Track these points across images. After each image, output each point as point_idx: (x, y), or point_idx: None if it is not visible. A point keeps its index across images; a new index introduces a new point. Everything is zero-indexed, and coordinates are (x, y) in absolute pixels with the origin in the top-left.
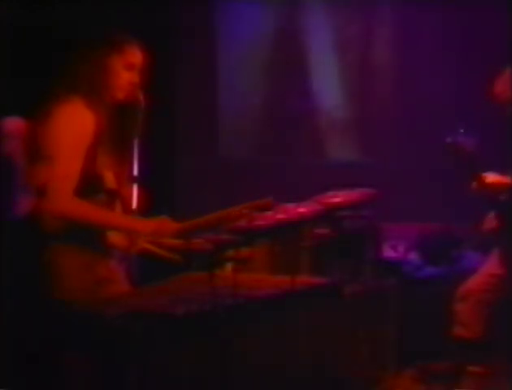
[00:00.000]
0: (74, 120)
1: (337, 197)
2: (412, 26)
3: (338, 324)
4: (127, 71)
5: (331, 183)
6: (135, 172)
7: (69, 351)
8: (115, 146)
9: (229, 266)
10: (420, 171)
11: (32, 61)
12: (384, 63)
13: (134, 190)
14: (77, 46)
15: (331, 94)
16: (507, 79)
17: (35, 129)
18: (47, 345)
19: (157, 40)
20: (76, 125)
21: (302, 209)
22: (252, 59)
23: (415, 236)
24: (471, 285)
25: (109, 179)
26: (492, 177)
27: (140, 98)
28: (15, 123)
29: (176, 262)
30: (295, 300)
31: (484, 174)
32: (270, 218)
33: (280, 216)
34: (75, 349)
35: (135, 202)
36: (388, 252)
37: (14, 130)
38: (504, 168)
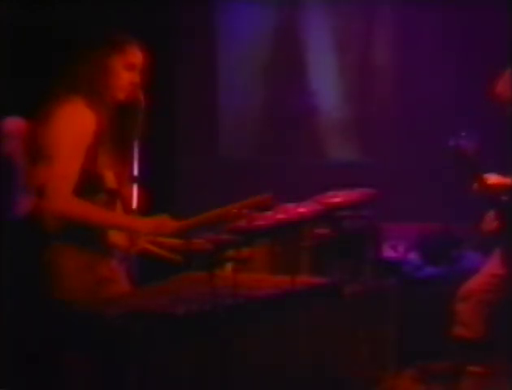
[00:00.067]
0: (74, 120)
1: (337, 197)
2: (412, 26)
3: (338, 324)
4: (127, 72)
5: (331, 183)
6: (135, 172)
7: (69, 351)
8: (116, 146)
9: (229, 266)
10: (420, 171)
11: (32, 61)
12: (384, 63)
13: (134, 190)
14: (77, 46)
15: (331, 94)
16: (507, 79)
17: (35, 129)
18: (47, 345)
19: (157, 40)
20: (77, 125)
21: (302, 209)
22: (252, 59)
23: (415, 236)
24: (472, 285)
25: (109, 179)
26: (494, 178)
27: (140, 98)
28: (15, 123)
29: (176, 262)
30: (295, 300)
31: (486, 175)
32: (270, 218)
33: (280, 216)
34: (75, 349)
35: (135, 202)
36: (388, 252)
37: (14, 130)
38: (504, 168)
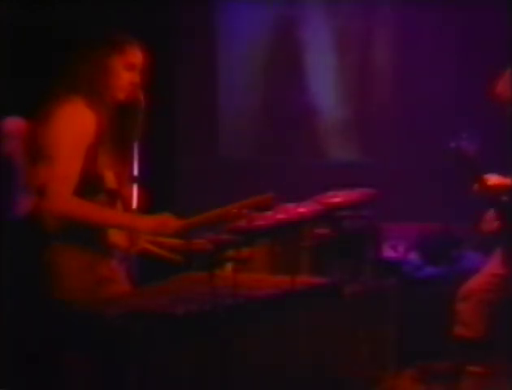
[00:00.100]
0: (74, 120)
1: (337, 197)
2: (412, 26)
3: (338, 324)
4: (127, 72)
5: (331, 183)
6: (135, 172)
7: (69, 351)
8: (116, 146)
9: (229, 266)
10: (420, 171)
11: (32, 61)
12: (384, 63)
13: (134, 190)
14: (77, 46)
15: (331, 94)
16: (507, 79)
17: (35, 129)
18: (47, 345)
19: (157, 40)
20: (77, 125)
21: (302, 209)
22: (252, 59)
23: (415, 236)
24: (473, 285)
25: (109, 179)
26: (494, 179)
27: (140, 98)
28: (15, 123)
29: (177, 262)
30: (295, 300)
31: (486, 176)
32: (270, 218)
33: (280, 216)
34: (75, 349)
35: (135, 202)
36: (388, 252)
37: (14, 130)
38: (504, 168)
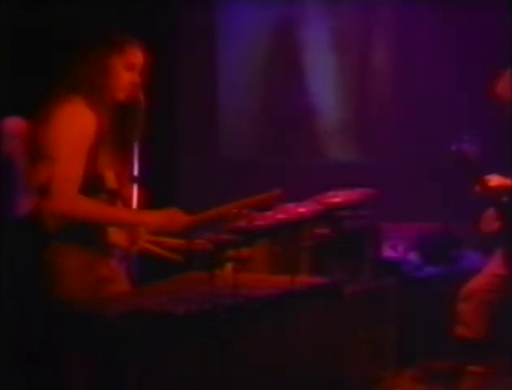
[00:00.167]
0: (75, 120)
1: (337, 197)
2: (412, 26)
3: (338, 324)
4: (127, 72)
5: (331, 183)
6: (135, 172)
7: (69, 351)
8: (116, 146)
9: (229, 266)
10: (420, 171)
11: (32, 61)
12: (384, 63)
13: (134, 190)
14: (77, 46)
15: (331, 94)
16: (507, 79)
17: (35, 129)
18: (47, 345)
19: (157, 40)
20: (77, 125)
21: (302, 209)
22: (252, 59)
23: (415, 236)
24: (474, 285)
25: (110, 179)
26: (495, 180)
27: (140, 98)
28: (16, 123)
29: (177, 262)
30: (295, 300)
31: (487, 177)
32: (270, 218)
33: (280, 216)
34: (75, 349)
35: (135, 202)
36: (388, 252)
37: (14, 130)
38: (505, 168)
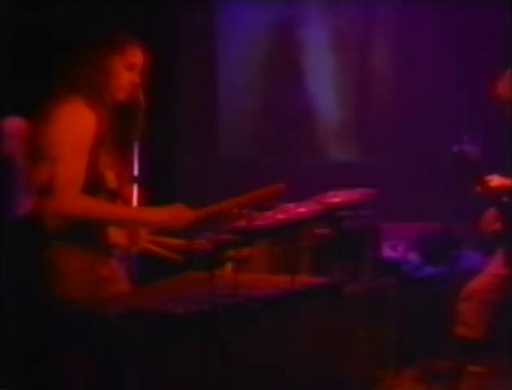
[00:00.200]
0: (75, 120)
1: (337, 197)
2: (412, 26)
3: (338, 324)
4: (127, 72)
5: (331, 183)
6: (135, 172)
7: (69, 351)
8: (116, 146)
9: (229, 266)
10: (420, 171)
11: (32, 61)
12: (384, 63)
13: (134, 190)
14: (77, 46)
15: (330, 94)
16: (508, 79)
17: (35, 129)
18: (47, 345)
19: (157, 40)
20: (78, 125)
21: (302, 209)
22: (252, 59)
23: (415, 236)
24: (475, 285)
25: (110, 179)
26: (496, 180)
27: (140, 98)
28: (16, 123)
29: (177, 262)
30: (295, 300)
31: (488, 178)
32: (270, 218)
33: (280, 216)
34: (75, 349)
35: (135, 202)
36: (388, 252)
37: (14, 130)
38: (505, 168)
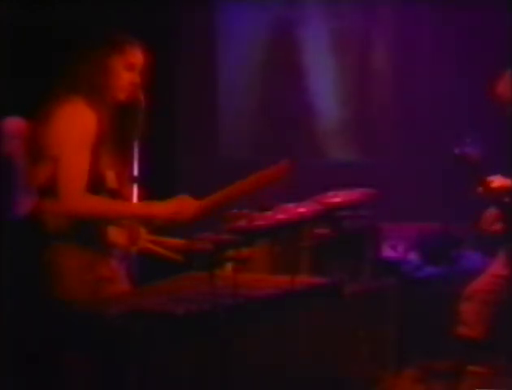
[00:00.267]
0: (76, 120)
1: (337, 197)
2: (412, 26)
3: (338, 324)
4: (127, 72)
5: (331, 183)
6: (135, 172)
7: (69, 351)
8: (116, 146)
9: (229, 266)
10: (420, 171)
11: (32, 61)
12: (384, 63)
13: (134, 190)
14: (77, 46)
15: (330, 94)
16: (508, 80)
17: (35, 129)
18: (47, 345)
19: (157, 40)
20: (79, 124)
21: (302, 209)
22: (251, 59)
23: (415, 236)
24: (477, 286)
25: (110, 178)
26: (498, 181)
27: (140, 98)
28: (16, 123)
29: (177, 262)
30: (295, 300)
31: (490, 178)
32: (270, 218)
33: (280, 216)
34: (75, 349)
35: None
36: (388, 252)
37: (14, 130)
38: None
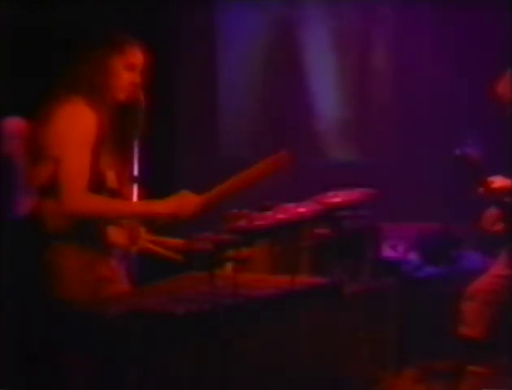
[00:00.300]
0: (76, 120)
1: (337, 197)
2: (412, 26)
3: (338, 324)
4: (127, 72)
5: (331, 183)
6: (135, 172)
7: (69, 351)
8: (117, 146)
9: (229, 266)
10: (420, 171)
11: (32, 61)
12: (384, 63)
13: (134, 190)
14: (77, 46)
15: (330, 94)
16: (508, 80)
17: (35, 129)
18: (47, 345)
19: (157, 40)
20: (79, 124)
21: (302, 209)
22: (252, 59)
23: (415, 236)
24: (479, 285)
25: (110, 178)
26: (499, 182)
27: (140, 98)
28: (16, 123)
29: (177, 262)
30: (295, 300)
31: (491, 179)
32: (270, 218)
33: (280, 216)
34: (75, 349)
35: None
36: (388, 252)
37: (14, 130)
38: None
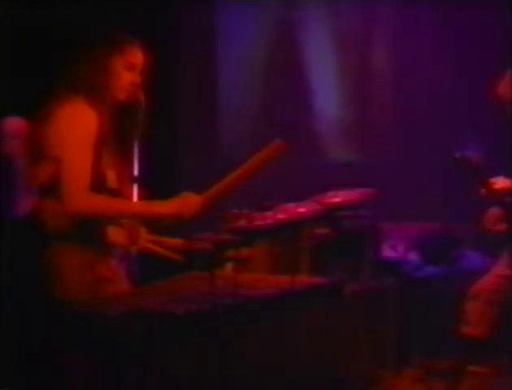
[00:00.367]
0: (76, 120)
1: (337, 197)
2: (412, 26)
3: (338, 324)
4: (128, 72)
5: (331, 183)
6: (135, 172)
7: (69, 351)
8: (117, 146)
9: (229, 266)
10: (420, 171)
11: (32, 61)
12: (384, 63)
13: (134, 190)
14: (77, 46)
15: (331, 94)
16: (508, 80)
17: (35, 129)
18: (47, 345)
19: (157, 40)
20: (80, 124)
21: (302, 209)
22: (252, 59)
23: (415, 236)
24: (481, 285)
25: (111, 178)
26: (500, 182)
27: (141, 99)
28: (16, 123)
29: (177, 262)
30: (295, 300)
31: (492, 180)
32: (270, 218)
33: (280, 216)
34: (75, 349)
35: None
36: (388, 252)
37: (14, 130)
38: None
